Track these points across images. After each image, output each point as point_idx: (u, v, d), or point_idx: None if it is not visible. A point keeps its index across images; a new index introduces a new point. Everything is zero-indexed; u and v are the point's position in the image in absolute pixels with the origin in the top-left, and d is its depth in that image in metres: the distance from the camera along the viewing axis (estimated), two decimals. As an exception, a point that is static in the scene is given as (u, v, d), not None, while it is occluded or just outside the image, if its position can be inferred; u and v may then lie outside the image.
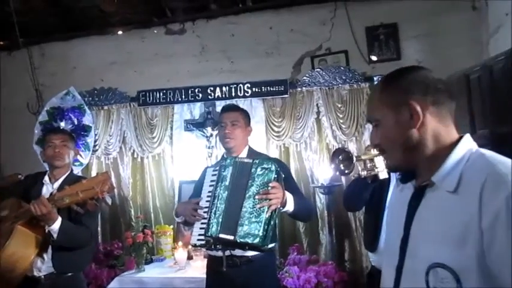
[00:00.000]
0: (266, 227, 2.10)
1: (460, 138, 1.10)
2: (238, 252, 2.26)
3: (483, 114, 2.57)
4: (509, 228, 0.93)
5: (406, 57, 3.72)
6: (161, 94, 3.80)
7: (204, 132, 3.66)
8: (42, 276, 2.40)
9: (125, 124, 3.89)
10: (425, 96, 1.09)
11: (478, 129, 2.57)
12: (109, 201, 3.26)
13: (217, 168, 2.31)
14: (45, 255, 2.39)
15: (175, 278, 2.96)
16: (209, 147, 3.64)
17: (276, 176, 2.16)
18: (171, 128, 3.83)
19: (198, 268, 3.03)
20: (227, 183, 2.22)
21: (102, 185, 2.16)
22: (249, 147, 2.52)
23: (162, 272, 3.12)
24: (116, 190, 3.78)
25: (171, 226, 3.53)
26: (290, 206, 2.24)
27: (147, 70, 4.16)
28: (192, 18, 4.16)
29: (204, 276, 2.56)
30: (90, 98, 3.96)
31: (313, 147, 3.61)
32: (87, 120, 3.87)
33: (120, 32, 4.28)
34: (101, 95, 3.95)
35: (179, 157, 3.79)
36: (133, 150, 3.87)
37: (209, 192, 2.29)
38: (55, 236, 2.27)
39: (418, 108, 1.08)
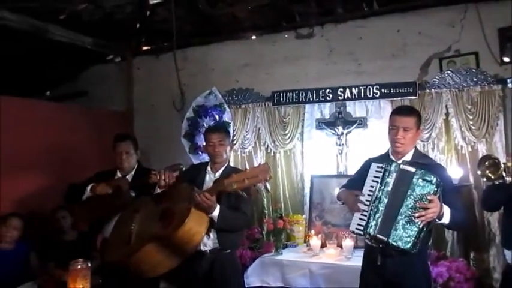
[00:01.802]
0: (418, 235, 2.27)
1: None
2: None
3: None
4: None
5: (541, 58, 3.65)
6: (293, 94, 4.17)
7: (334, 131, 3.96)
8: (208, 251, 2.86)
9: (260, 121, 4.32)
10: None
11: None
12: (269, 187, 3.67)
13: (382, 166, 2.45)
14: (211, 234, 2.85)
15: (311, 263, 3.31)
16: (339, 145, 3.92)
17: (436, 189, 2.26)
18: (302, 126, 4.18)
19: (331, 255, 3.35)
20: (389, 189, 2.38)
21: (265, 173, 2.54)
22: (415, 149, 2.58)
23: (297, 256, 3.49)
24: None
25: (303, 216, 3.89)
26: (446, 219, 2.32)
27: (278, 72, 4.53)
28: (321, 23, 4.43)
29: (337, 262, 2.85)
30: (230, 98, 4.45)
31: (441, 147, 3.73)
32: (226, 117, 4.36)
33: (253, 37, 4.70)
34: (239, 95, 4.43)
35: (309, 153, 4.13)
36: (267, 146, 4.29)
37: (371, 187, 2.46)
38: (216, 220, 2.72)
39: None
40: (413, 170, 2.34)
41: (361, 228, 2.42)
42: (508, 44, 3.79)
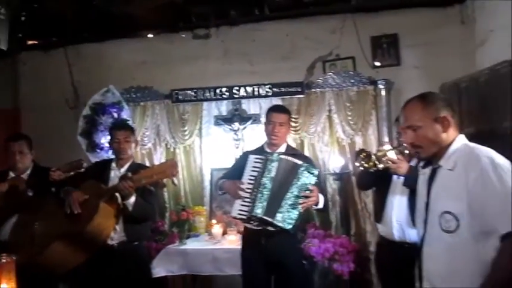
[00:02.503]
0: (298, 218, 2.74)
1: (457, 136, 1.84)
2: (269, 227, 2.84)
3: (469, 116, 3.18)
4: (482, 188, 1.66)
5: (405, 63, 4.29)
6: (192, 92, 4.34)
7: (231, 127, 4.23)
8: (115, 244, 2.95)
9: (159, 119, 4.43)
10: (450, 112, 1.83)
11: (465, 127, 3.17)
12: (176, 182, 3.78)
13: (261, 158, 2.88)
14: (117, 227, 2.94)
15: (214, 249, 3.56)
16: (236, 140, 4.22)
17: (317, 181, 2.79)
18: (201, 122, 4.38)
19: (232, 241, 3.62)
20: (273, 175, 2.80)
21: (172, 169, 2.72)
22: (287, 144, 3.11)
23: (201, 244, 3.71)
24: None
25: (204, 207, 4.10)
26: (321, 205, 2.89)
27: (176, 70, 4.65)
28: (217, 25, 4.66)
29: (238, 247, 3.14)
30: (128, 95, 4.47)
31: (325, 140, 4.20)
32: (125, 114, 4.37)
33: (149, 35, 4.77)
34: (137, 93, 4.48)
35: (208, 148, 4.35)
36: (167, 142, 4.41)
37: (251, 176, 2.87)
38: (130, 208, 2.83)
39: (449, 118, 1.82)
40: (299, 162, 2.78)
41: (244, 213, 2.79)
42: (379, 50, 4.39)
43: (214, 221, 3.89)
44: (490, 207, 1.65)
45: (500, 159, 1.73)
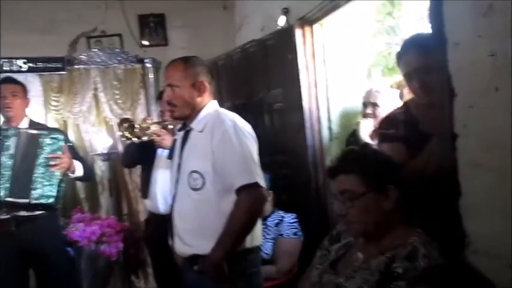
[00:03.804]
0: (58, 188, 2.55)
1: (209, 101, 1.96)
2: (22, 212, 2.55)
3: (227, 91, 3.44)
4: (223, 148, 1.80)
5: (172, 43, 4.37)
6: None
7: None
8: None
9: None
10: (209, 78, 1.94)
11: (224, 101, 3.41)
12: None
13: None
14: None
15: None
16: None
17: (64, 144, 2.60)
18: None
19: None
20: (12, 151, 2.50)
21: None
22: (30, 119, 2.79)
23: None
24: None
25: None
26: (80, 172, 2.72)
27: None
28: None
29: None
30: None
31: (91, 120, 3.98)
32: None
33: None
34: None
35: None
36: None
37: None
38: None
39: (206, 84, 1.92)
40: (38, 132, 2.58)
41: None
42: (147, 29, 4.36)
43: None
44: (229, 166, 1.81)
45: (243, 123, 1.92)
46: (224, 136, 1.81)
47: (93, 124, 3.97)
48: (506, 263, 1.34)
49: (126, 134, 2.71)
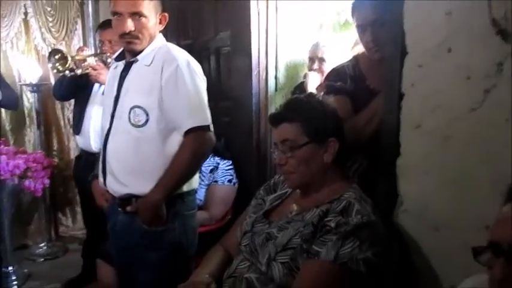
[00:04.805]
0: None
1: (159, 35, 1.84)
2: None
3: (172, 30, 3.24)
4: (174, 85, 1.70)
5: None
6: None
7: None
8: None
9: None
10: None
11: (168, 40, 3.21)
12: None
13: None
14: None
15: None
16: None
17: None
18: None
19: None
20: None
21: None
22: None
23: None
24: None
25: None
26: None
27: None
28: None
29: None
30: None
31: (20, 47, 3.64)
32: None
33: None
34: None
35: None
36: None
37: None
38: None
39: (167, 17, 1.81)
40: None
41: None
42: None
43: None
44: (180, 105, 1.71)
45: (194, 63, 1.82)
46: (176, 72, 1.70)
47: (23, 51, 3.63)
48: (434, 225, 1.38)
49: (58, 65, 2.51)
